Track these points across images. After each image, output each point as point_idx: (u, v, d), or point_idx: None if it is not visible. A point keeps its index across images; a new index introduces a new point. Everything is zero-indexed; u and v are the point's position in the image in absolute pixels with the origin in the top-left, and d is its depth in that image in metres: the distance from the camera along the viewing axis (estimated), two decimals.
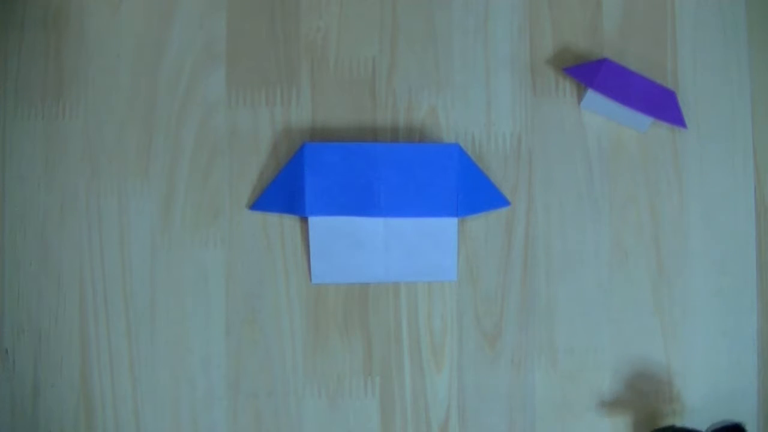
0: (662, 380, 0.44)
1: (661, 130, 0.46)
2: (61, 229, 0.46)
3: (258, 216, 0.46)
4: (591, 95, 0.45)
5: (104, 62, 0.47)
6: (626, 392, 0.44)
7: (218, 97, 0.46)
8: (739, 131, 0.46)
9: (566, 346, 0.45)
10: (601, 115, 0.46)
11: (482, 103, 0.46)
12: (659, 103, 0.44)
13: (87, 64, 0.47)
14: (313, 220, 0.44)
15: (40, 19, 0.47)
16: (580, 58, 0.46)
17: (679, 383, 0.44)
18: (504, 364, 0.45)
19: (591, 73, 0.44)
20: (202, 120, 0.46)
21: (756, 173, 0.46)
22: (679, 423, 0.44)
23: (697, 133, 0.46)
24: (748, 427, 0.42)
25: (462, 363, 0.45)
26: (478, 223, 0.45)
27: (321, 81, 0.46)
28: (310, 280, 0.45)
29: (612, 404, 0.44)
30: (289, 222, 0.46)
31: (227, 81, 0.46)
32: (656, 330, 0.45)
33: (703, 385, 0.40)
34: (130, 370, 0.45)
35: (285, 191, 0.44)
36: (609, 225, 0.46)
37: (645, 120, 0.45)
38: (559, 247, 0.45)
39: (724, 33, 0.46)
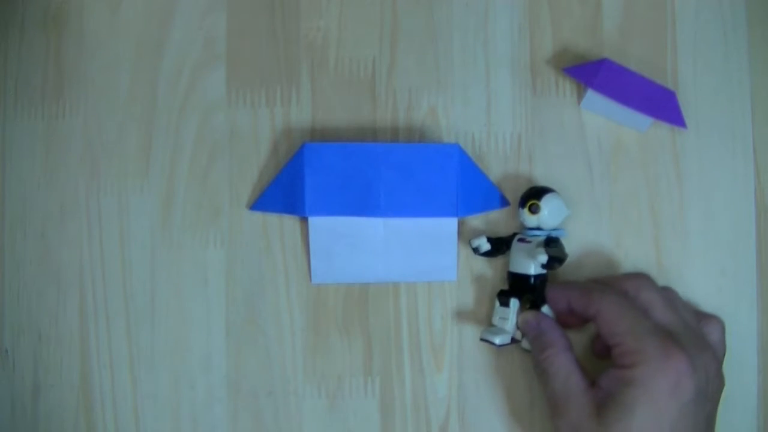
0: None
1: (661, 130, 0.46)
2: (61, 229, 0.46)
3: (258, 216, 0.46)
4: (591, 95, 0.45)
5: (104, 62, 0.47)
6: None
7: (218, 97, 0.46)
8: (739, 131, 0.46)
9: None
10: (601, 115, 0.46)
11: (482, 103, 0.46)
12: (659, 103, 0.44)
13: (87, 64, 0.47)
14: (313, 220, 0.44)
15: (40, 19, 0.47)
16: (580, 58, 0.46)
17: None
18: (504, 364, 0.45)
19: (591, 73, 0.44)
20: (202, 120, 0.46)
21: (756, 173, 0.46)
22: None
23: (697, 133, 0.46)
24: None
25: (462, 363, 0.45)
26: (479, 223, 0.45)
27: (321, 81, 0.46)
28: (310, 280, 0.45)
29: None
30: (289, 222, 0.46)
31: (227, 81, 0.46)
32: None
33: None
34: (130, 370, 0.45)
35: (285, 191, 0.44)
36: (609, 225, 0.46)
37: (645, 120, 0.45)
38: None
39: (724, 33, 0.46)
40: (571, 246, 0.45)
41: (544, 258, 0.41)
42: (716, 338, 0.41)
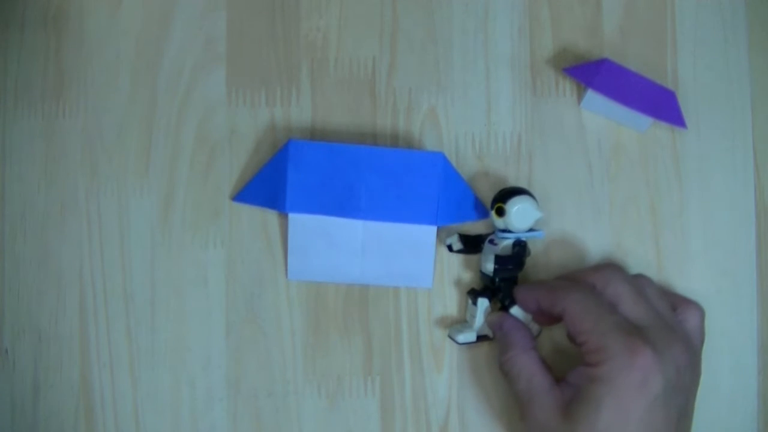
0: None
1: (661, 130, 0.46)
2: (61, 229, 0.46)
3: (258, 216, 0.46)
4: (591, 95, 0.45)
5: (104, 62, 0.47)
6: None
7: (218, 97, 0.46)
8: (739, 131, 0.46)
9: (564, 346, 0.45)
10: (601, 115, 0.46)
11: (482, 103, 0.46)
12: (659, 103, 0.44)
13: (87, 64, 0.47)
14: (293, 217, 0.44)
15: (40, 19, 0.47)
16: (580, 58, 0.46)
17: None
18: None
19: (591, 73, 0.44)
20: (202, 120, 0.46)
21: (756, 173, 0.46)
22: None
23: (697, 133, 0.46)
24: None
25: (462, 363, 0.45)
26: (479, 223, 0.45)
27: (321, 81, 0.46)
28: (286, 276, 0.45)
29: None
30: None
31: (227, 81, 0.46)
32: None
33: (702, 386, 0.40)
34: (130, 370, 0.45)
35: (267, 186, 0.44)
36: (609, 225, 0.46)
37: (645, 120, 0.45)
38: (559, 247, 0.45)
39: (724, 33, 0.46)
40: (570, 246, 0.45)
41: (490, 266, 0.42)
42: (693, 325, 0.41)
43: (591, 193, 0.46)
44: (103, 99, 0.46)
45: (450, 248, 0.44)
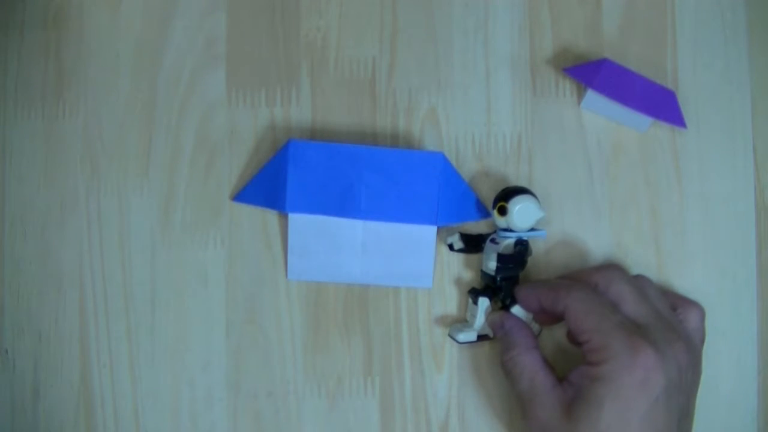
0: None
1: (661, 130, 0.46)
2: (61, 229, 0.46)
3: (258, 216, 0.46)
4: (591, 95, 0.45)
5: (104, 62, 0.47)
6: None
7: (218, 97, 0.46)
8: (739, 131, 0.46)
9: (566, 345, 0.45)
10: (601, 115, 0.46)
11: (482, 103, 0.46)
12: (659, 103, 0.44)
13: (87, 64, 0.47)
14: (293, 217, 0.44)
15: (40, 19, 0.47)
16: (580, 58, 0.46)
17: None
18: None
19: (591, 73, 0.44)
20: (202, 120, 0.46)
21: (756, 173, 0.46)
22: None
23: (697, 133, 0.46)
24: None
25: (462, 362, 0.45)
26: (479, 223, 0.45)
27: (321, 81, 0.46)
28: (286, 275, 0.45)
29: None
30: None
31: (227, 81, 0.46)
32: None
33: (702, 386, 0.40)
34: (130, 370, 0.45)
35: (267, 186, 0.44)
36: (609, 225, 0.46)
37: (645, 120, 0.45)
38: (559, 247, 0.45)
39: (724, 33, 0.46)
40: (570, 246, 0.45)
41: (492, 264, 0.42)
42: (694, 326, 0.41)
43: (591, 193, 0.46)
44: (103, 99, 0.46)
45: (451, 247, 0.44)
